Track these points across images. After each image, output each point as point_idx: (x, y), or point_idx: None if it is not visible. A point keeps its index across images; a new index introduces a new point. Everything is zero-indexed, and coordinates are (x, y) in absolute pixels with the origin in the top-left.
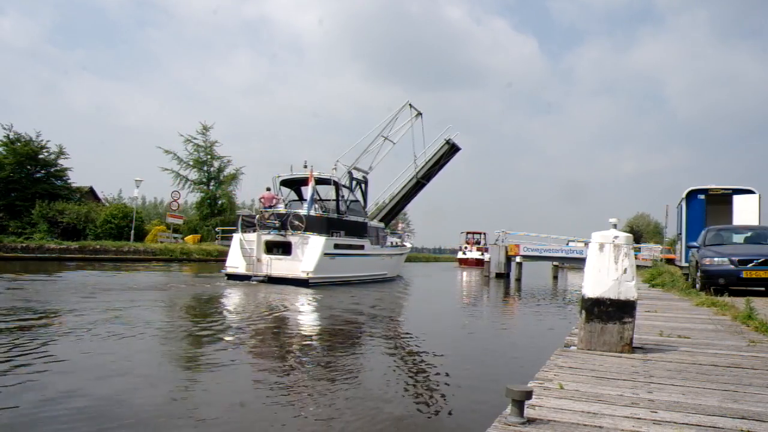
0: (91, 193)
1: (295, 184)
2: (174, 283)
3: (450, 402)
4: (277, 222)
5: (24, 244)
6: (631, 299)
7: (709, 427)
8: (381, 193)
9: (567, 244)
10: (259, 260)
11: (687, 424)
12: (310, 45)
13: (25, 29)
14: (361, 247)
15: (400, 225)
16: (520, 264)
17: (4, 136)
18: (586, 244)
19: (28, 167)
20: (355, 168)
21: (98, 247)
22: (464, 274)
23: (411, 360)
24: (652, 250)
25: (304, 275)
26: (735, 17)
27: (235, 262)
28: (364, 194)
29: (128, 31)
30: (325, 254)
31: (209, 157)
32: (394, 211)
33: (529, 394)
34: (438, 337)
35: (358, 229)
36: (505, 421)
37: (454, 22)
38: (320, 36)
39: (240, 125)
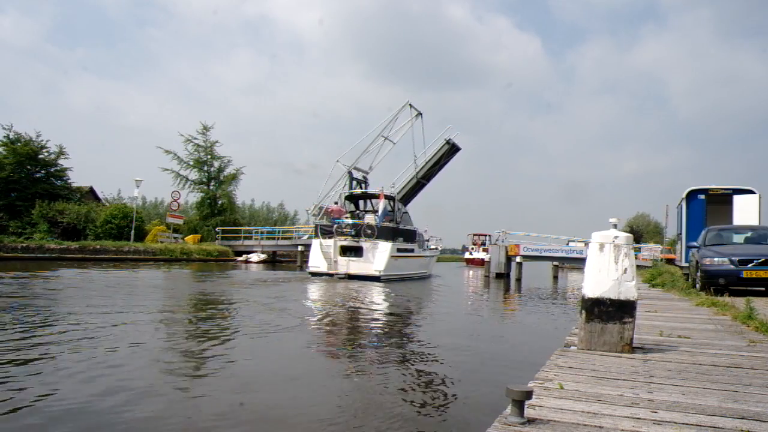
0: (91, 193)
1: (355, 198)
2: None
3: (450, 402)
4: (352, 230)
5: (24, 244)
6: (631, 299)
7: (709, 427)
8: None
9: (567, 244)
10: (335, 261)
11: (687, 424)
12: (311, 44)
13: (25, 28)
14: (412, 250)
15: (425, 228)
16: (520, 264)
17: (4, 136)
18: (586, 244)
19: (28, 167)
20: (355, 168)
21: (98, 247)
22: (470, 272)
23: (411, 360)
24: (652, 250)
25: (376, 273)
26: (738, 16)
27: (317, 263)
28: None
29: (128, 30)
30: (392, 256)
31: (209, 157)
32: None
33: (529, 394)
34: (439, 336)
35: (411, 236)
36: (505, 421)
37: (455, 20)
38: (321, 35)
39: (240, 125)
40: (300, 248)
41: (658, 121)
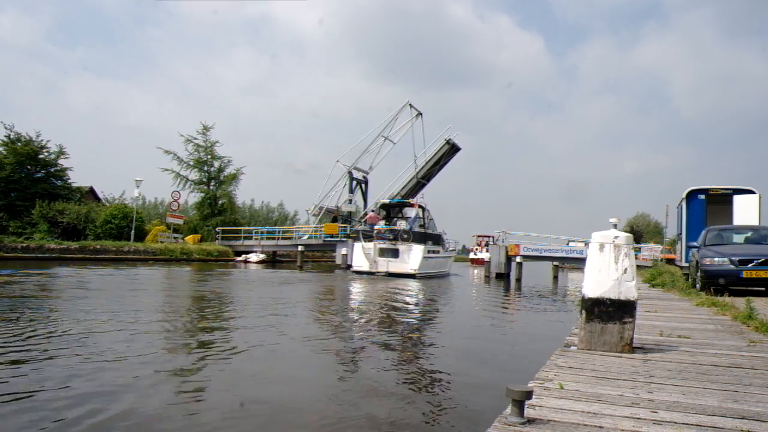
0: (91, 193)
1: (388, 207)
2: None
3: (450, 402)
4: (390, 235)
5: (24, 244)
6: (632, 299)
7: (709, 427)
8: (381, 193)
9: (567, 244)
10: (375, 261)
11: (687, 424)
12: (311, 44)
13: (25, 28)
14: (438, 251)
15: (443, 231)
16: (520, 264)
17: (5, 136)
18: (587, 244)
19: (28, 167)
20: (356, 168)
21: (98, 247)
22: (475, 271)
23: (412, 359)
24: (652, 250)
25: (412, 271)
26: (741, 15)
27: (359, 263)
28: (364, 194)
29: (128, 29)
30: (424, 257)
31: (209, 157)
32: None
33: (529, 394)
34: (439, 336)
35: (437, 239)
36: (505, 421)
37: (457, 19)
38: (321, 35)
39: (240, 125)
40: (300, 248)
41: (659, 120)
